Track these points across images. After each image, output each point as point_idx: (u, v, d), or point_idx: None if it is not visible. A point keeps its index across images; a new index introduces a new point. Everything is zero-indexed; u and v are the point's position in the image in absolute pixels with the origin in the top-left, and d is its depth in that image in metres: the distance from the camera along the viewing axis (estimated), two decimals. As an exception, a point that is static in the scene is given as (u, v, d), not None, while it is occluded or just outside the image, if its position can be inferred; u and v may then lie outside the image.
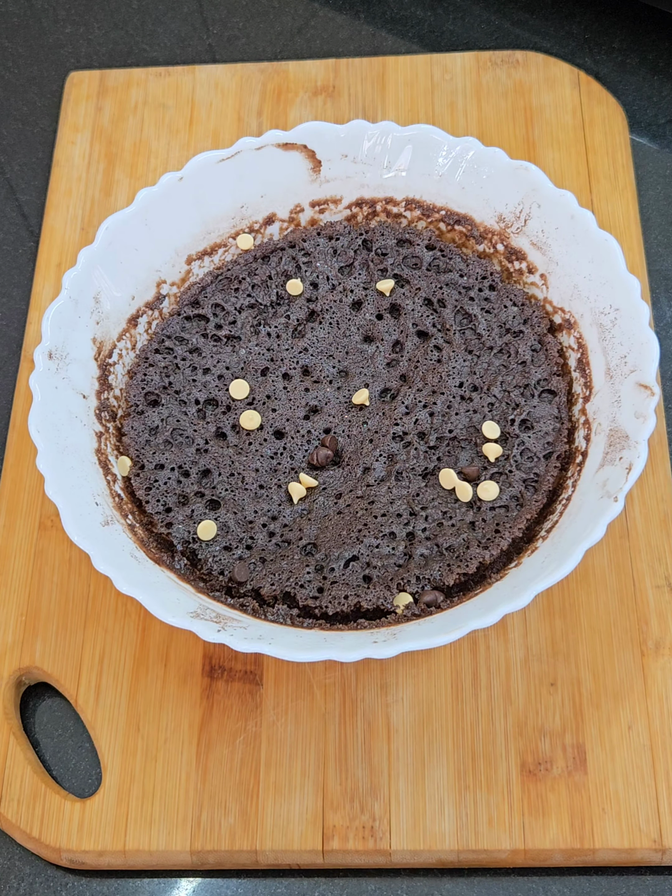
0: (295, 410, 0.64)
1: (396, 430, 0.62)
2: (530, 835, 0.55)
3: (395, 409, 0.63)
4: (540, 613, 0.60)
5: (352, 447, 0.62)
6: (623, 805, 0.56)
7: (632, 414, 0.57)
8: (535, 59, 0.79)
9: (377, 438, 0.62)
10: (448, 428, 0.62)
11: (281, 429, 0.63)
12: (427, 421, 0.62)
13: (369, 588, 0.57)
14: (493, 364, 0.64)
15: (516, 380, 0.63)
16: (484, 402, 0.63)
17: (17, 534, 0.65)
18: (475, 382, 0.63)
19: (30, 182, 0.80)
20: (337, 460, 0.62)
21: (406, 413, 0.63)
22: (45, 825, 0.57)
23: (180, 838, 0.56)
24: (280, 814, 0.56)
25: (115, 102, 0.80)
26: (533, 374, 0.63)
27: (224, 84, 0.80)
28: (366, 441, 0.62)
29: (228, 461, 0.62)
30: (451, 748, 0.57)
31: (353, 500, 0.60)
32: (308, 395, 0.64)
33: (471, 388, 0.63)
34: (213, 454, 0.62)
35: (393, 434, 0.62)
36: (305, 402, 0.64)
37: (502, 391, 0.63)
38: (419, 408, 0.63)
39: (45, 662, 0.61)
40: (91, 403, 0.61)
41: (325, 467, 0.62)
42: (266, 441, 0.63)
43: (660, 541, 0.62)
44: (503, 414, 0.62)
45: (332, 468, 0.62)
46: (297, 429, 0.63)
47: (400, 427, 0.62)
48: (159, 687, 0.60)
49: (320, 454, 0.61)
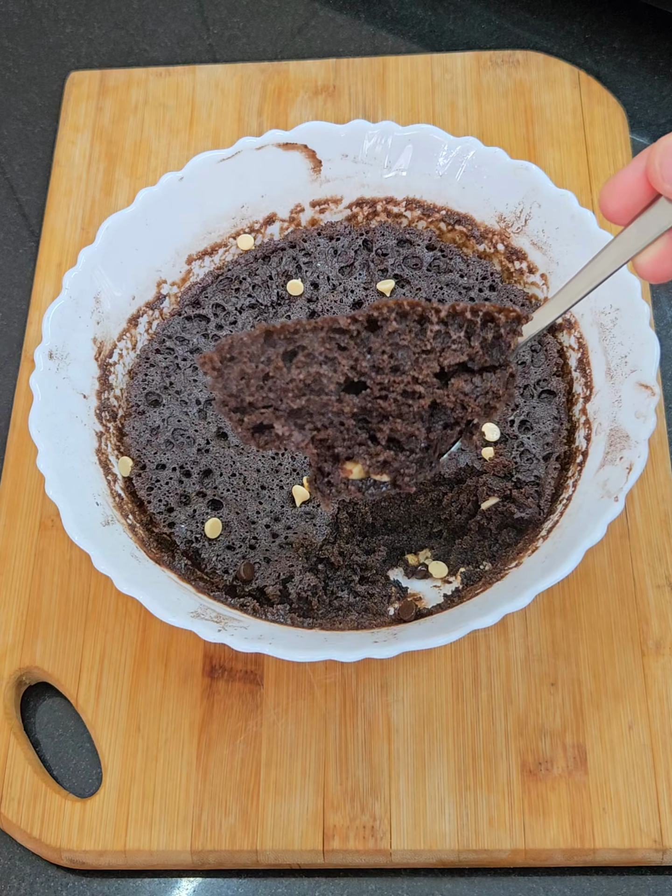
0: (295, 410, 0.64)
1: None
2: (531, 834, 0.55)
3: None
4: (540, 613, 0.60)
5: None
6: (623, 805, 0.56)
7: (632, 414, 0.57)
8: (536, 58, 0.79)
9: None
10: (448, 428, 0.62)
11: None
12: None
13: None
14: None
15: (516, 380, 0.63)
16: (484, 402, 0.63)
17: (17, 534, 0.65)
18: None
19: (30, 182, 0.80)
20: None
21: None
22: (45, 825, 0.57)
23: (181, 838, 0.56)
24: (280, 814, 0.56)
25: (116, 102, 0.80)
26: (532, 375, 0.63)
27: (224, 84, 0.80)
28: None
29: (230, 461, 0.62)
30: (452, 748, 0.57)
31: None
32: (308, 395, 0.64)
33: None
34: (215, 454, 0.62)
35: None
36: (306, 402, 0.64)
37: (503, 391, 0.63)
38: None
39: (46, 662, 0.61)
40: (91, 403, 0.61)
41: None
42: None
43: (660, 540, 0.62)
44: (503, 414, 0.62)
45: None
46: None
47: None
48: (160, 687, 0.60)
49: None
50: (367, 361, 0.46)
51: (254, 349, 0.45)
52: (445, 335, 0.46)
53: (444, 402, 0.47)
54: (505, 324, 0.46)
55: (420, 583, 0.62)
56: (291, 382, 0.46)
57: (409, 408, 0.47)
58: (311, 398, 0.46)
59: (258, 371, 0.46)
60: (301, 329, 0.46)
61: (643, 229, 0.45)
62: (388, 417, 0.47)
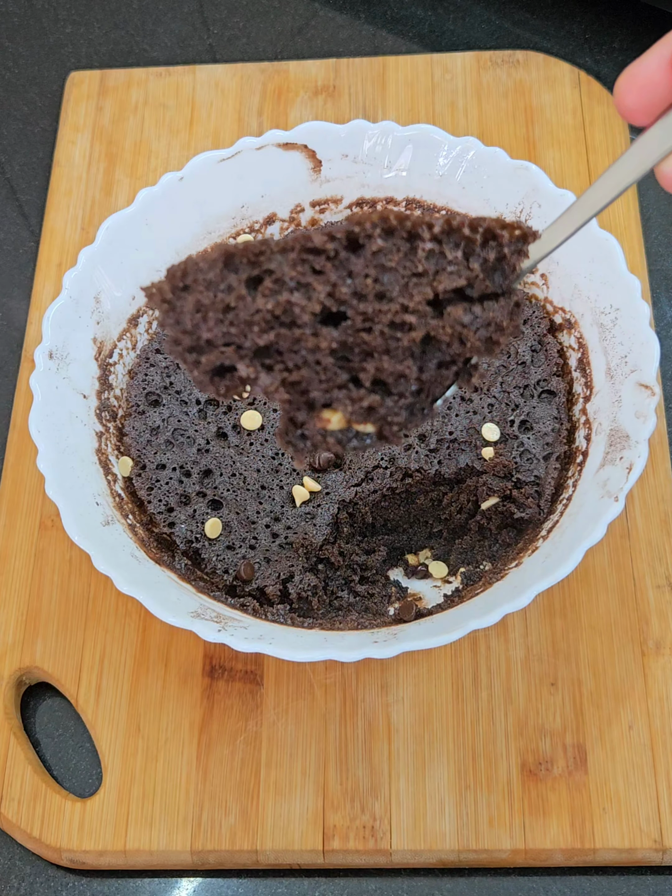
0: (295, 410, 0.64)
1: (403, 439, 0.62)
2: (531, 834, 0.55)
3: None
4: (540, 613, 0.60)
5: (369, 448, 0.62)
6: (623, 805, 0.56)
7: (632, 414, 0.57)
8: (536, 58, 0.79)
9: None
10: (448, 430, 0.62)
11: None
12: (427, 422, 0.62)
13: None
14: (493, 364, 0.64)
15: (516, 380, 0.63)
16: (484, 402, 0.63)
17: (17, 534, 0.65)
18: (475, 383, 0.63)
19: (30, 182, 0.80)
20: (338, 463, 0.62)
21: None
22: (45, 825, 0.57)
23: (181, 838, 0.56)
24: (280, 814, 0.56)
25: (116, 102, 0.80)
26: (532, 375, 0.63)
27: (224, 84, 0.80)
28: (367, 442, 0.62)
29: (230, 461, 0.62)
30: (452, 748, 0.57)
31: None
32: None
33: (471, 389, 0.63)
34: (215, 454, 0.62)
35: (394, 436, 0.62)
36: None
37: (502, 392, 0.63)
38: (420, 408, 0.63)
39: (46, 662, 0.61)
40: (91, 403, 0.61)
41: (327, 470, 0.62)
42: (267, 441, 0.63)
43: (660, 540, 0.62)
44: (503, 415, 0.62)
45: (334, 471, 0.62)
46: (297, 429, 0.63)
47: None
48: (160, 687, 0.60)
49: (322, 457, 0.61)
50: (348, 287, 0.39)
51: (211, 276, 0.39)
52: (440, 255, 0.39)
53: (438, 336, 0.40)
54: (509, 243, 0.40)
55: (420, 583, 0.62)
56: (257, 314, 0.39)
57: (398, 342, 0.40)
58: (281, 333, 0.39)
59: (217, 302, 0.39)
60: (267, 250, 0.39)
61: (669, 130, 0.39)
62: (373, 354, 0.40)
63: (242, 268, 0.39)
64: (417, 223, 0.39)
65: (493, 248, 0.40)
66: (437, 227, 0.39)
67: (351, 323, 0.40)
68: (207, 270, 0.39)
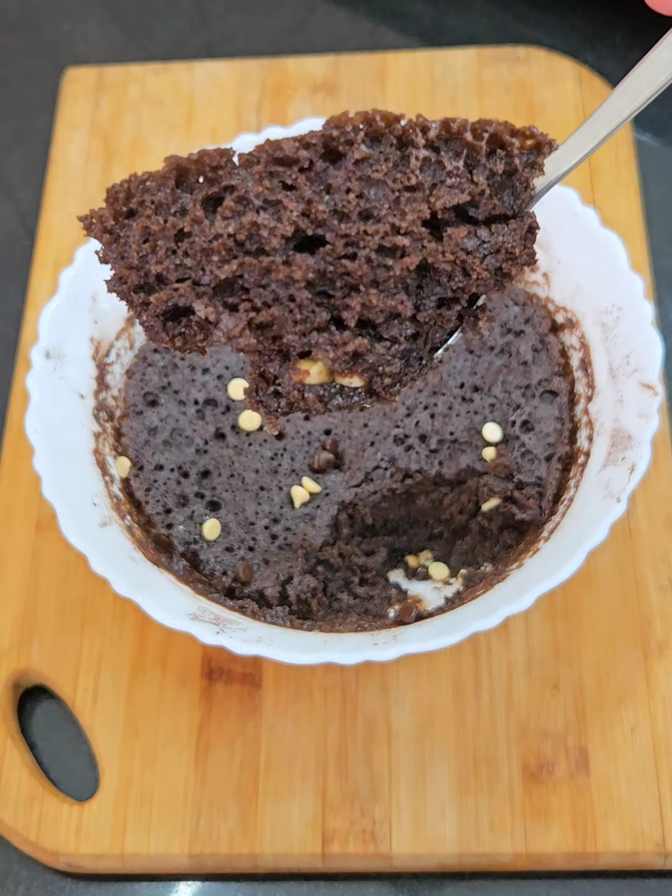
0: (294, 410, 0.63)
1: (397, 433, 0.62)
2: (532, 838, 0.55)
3: (395, 409, 0.62)
4: (542, 615, 0.60)
5: (352, 450, 0.62)
6: (626, 808, 0.55)
7: (635, 414, 0.56)
8: (537, 55, 0.78)
9: (378, 441, 0.62)
10: (449, 430, 0.61)
11: (281, 429, 0.63)
12: (428, 423, 0.62)
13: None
14: (495, 364, 0.63)
15: (517, 380, 0.62)
16: (485, 402, 0.62)
17: (13, 535, 0.64)
18: (476, 383, 0.63)
19: (27, 180, 0.79)
20: (338, 463, 0.62)
21: (407, 415, 0.62)
22: (42, 828, 0.57)
23: (179, 842, 0.56)
24: (280, 817, 0.56)
25: (113, 99, 0.79)
26: (534, 375, 0.63)
27: (223, 80, 0.79)
28: (367, 443, 0.62)
29: (228, 462, 0.62)
30: (453, 751, 0.57)
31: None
32: (308, 395, 0.64)
33: (472, 389, 0.63)
34: (213, 455, 0.62)
35: (394, 437, 0.62)
36: (305, 402, 0.63)
37: (503, 392, 0.62)
38: (420, 409, 0.62)
39: (43, 665, 0.60)
40: (89, 403, 0.61)
41: (327, 471, 0.61)
42: (266, 442, 0.62)
43: (663, 542, 0.61)
44: (504, 415, 0.62)
45: (334, 472, 0.61)
46: (297, 430, 0.63)
47: (401, 430, 0.62)
48: (158, 689, 0.59)
49: (321, 458, 0.61)
50: (326, 205, 0.32)
51: (161, 196, 0.33)
52: (437, 166, 0.33)
53: (437, 264, 0.33)
54: (520, 153, 0.33)
55: (420, 584, 0.61)
56: (217, 240, 0.32)
57: (388, 272, 0.33)
58: (246, 262, 0.32)
59: (168, 227, 0.33)
60: (228, 162, 0.32)
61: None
62: (359, 287, 0.33)
63: (198, 185, 0.33)
64: (409, 126, 0.33)
65: (501, 158, 0.34)
66: (432, 131, 0.33)
67: (331, 248, 0.33)
68: (156, 190, 0.33)
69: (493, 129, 0.33)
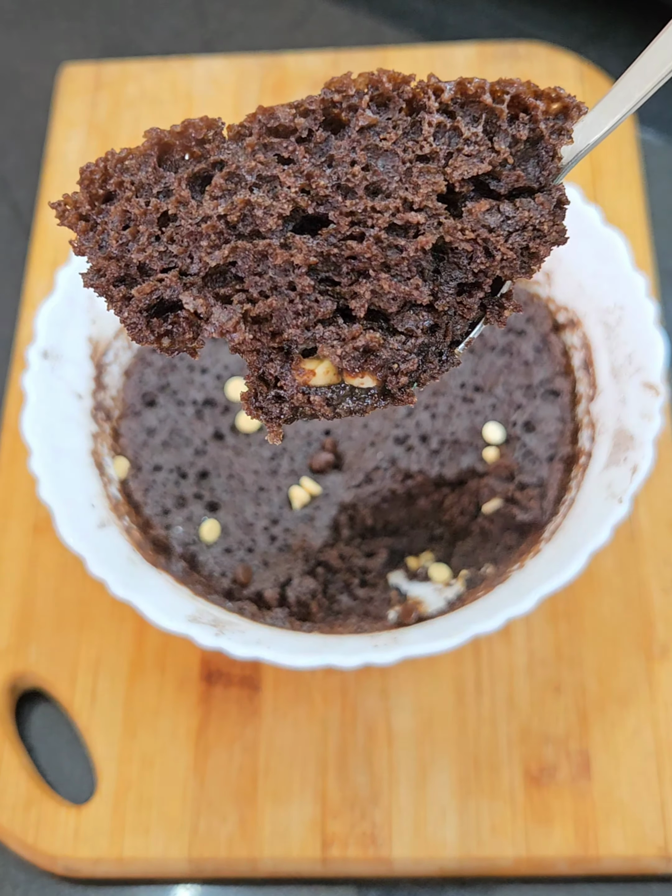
0: (294, 410, 0.63)
1: (398, 434, 0.61)
2: (534, 842, 0.54)
3: (395, 410, 0.62)
4: (544, 617, 0.59)
5: (352, 451, 0.61)
6: (628, 812, 0.55)
7: (637, 414, 0.56)
8: (539, 51, 0.77)
9: (378, 441, 0.61)
10: (450, 430, 0.61)
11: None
12: (429, 423, 0.61)
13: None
14: (496, 364, 0.63)
15: (519, 380, 0.62)
16: (486, 403, 0.62)
17: (11, 537, 0.64)
18: (477, 383, 0.62)
19: (23, 178, 0.79)
20: (338, 464, 0.61)
21: (407, 415, 0.62)
22: (40, 832, 0.56)
23: (177, 846, 0.55)
24: (279, 821, 0.55)
25: (111, 97, 0.78)
26: (536, 374, 0.62)
27: (222, 78, 0.79)
28: (367, 444, 0.61)
29: (227, 463, 0.61)
30: (454, 754, 0.56)
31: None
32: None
33: (473, 389, 0.62)
34: (212, 455, 0.61)
35: (395, 437, 0.61)
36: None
37: (505, 392, 0.62)
38: (420, 409, 0.62)
39: (40, 667, 0.60)
40: (87, 404, 0.60)
41: (326, 471, 0.61)
42: (265, 442, 0.62)
43: (666, 543, 0.61)
44: (505, 415, 0.61)
45: (333, 472, 0.61)
46: (296, 430, 0.62)
47: (401, 430, 0.61)
48: (156, 692, 0.59)
49: (321, 459, 0.60)
50: (328, 180, 0.28)
51: (142, 176, 0.28)
52: (453, 132, 0.28)
53: (456, 243, 0.29)
54: (546, 118, 0.29)
55: (421, 586, 0.61)
56: (205, 223, 0.28)
57: (401, 253, 0.28)
58: (240, 247, 0.28)
59: (151, 210, 0.28)
60: (215, 135, 0.29)
61: None
62: (368, 272, 0.28)
63: (183, 163, 0.29)
64: (421, 88, 0.29)
65: (525, 124, 0.29)
66: (447, 94, 0.28)
67: (335, 228, 0.28)
68: (136, 169, 0.29)
69: (514, 90, 0.29)
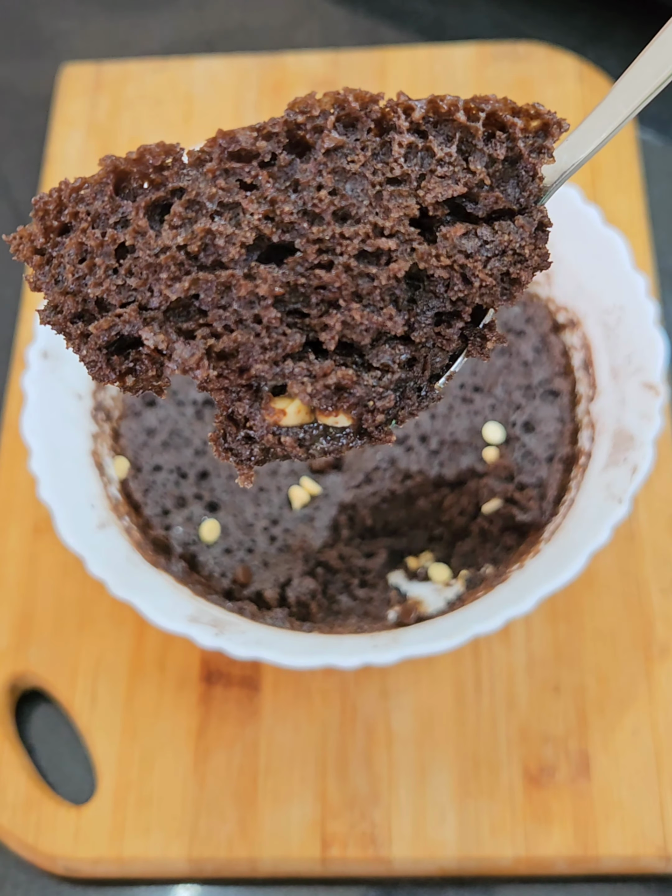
0: (294, 410, 0.63)
1: (398, 434, 0.61)
2: (533, 842, 0.54)
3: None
4: (543, 617, 0.59)
5: (352, 451, 0.61)
6: (627, 812, 0.55)
7: (637, 414, 0.56)
8: (538, 52, 0.77)
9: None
10: (449, 431, 0.61)
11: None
12: (428, 423, 0.61)
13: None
14: (495, 364, 0.63)
15: (518, 380, 0.62)
16: (485, 403, 0.62)
17: (11, 538, 0.64)
18: (476, 383, 0.62)
19: (23, 178, 0.79)
20: (337, 464, 0.61)
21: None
22: (40, 832, 0.56)
23: (177, 846, 0.55)
24: (279, 821, 0.55)
25: (111, 97, 0.78)
26: (535, 375, 0.62)
27: (221, 78, 0.79)
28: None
29: (227, 463, 0.61)
30: (453, 755, 0.56)
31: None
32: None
33: (472, 389, 0.62)
34: (212, 456, 0.61)
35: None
36: (304, 402, 0.63)
37: (504, 392, 0.62)
38: (420, 409, 0.62)
39: (40, 668, 0.60)
40: (87, 404, 0.60)
41: (326, 472, 0.61)
42: (264, 442, 0.62)
43: (666, 544, 0.61)
44: (505, 415, 0.61)
45: (333, 473, 0.61)
46: (295, 429, 0.62)
47: (401, 430, 0.61)
48: (156, 692, 0.59)
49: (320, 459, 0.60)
50: (293, 205, 0.27)
51: (98, 205, 0.27)
52: (425, 152, 0.27)
53: (431, 270, 0.27)
54: (525, 136, 0.27)
55: (421, 586, 0.61)
56: (164, 254, 0.26)
57: (372, 282, 0.27)
58: (201, 279, 0.26)
59: (108, 242, 0.27)
60: (174, 161, 0.27)
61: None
62: (338, 303, 0.27)
63: (141, 191, 0.27)
64: (390, 107, 0.27)
65: (502, 142, 0.28)
66: (417, 112, 0.27)
67: (301, 257, 0.27)
68: (92, 199, 0.27)
69: (490, 107, 0.27)
